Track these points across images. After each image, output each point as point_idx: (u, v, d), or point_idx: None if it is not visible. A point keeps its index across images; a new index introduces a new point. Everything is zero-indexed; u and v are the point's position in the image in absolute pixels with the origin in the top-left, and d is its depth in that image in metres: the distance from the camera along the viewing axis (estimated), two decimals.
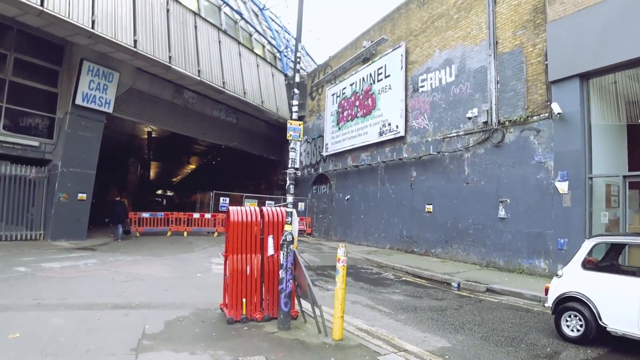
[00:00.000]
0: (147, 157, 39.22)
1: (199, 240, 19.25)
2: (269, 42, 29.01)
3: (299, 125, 6.43)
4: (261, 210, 6.58)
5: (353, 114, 21.25)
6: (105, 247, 15.66)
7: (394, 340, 5.99)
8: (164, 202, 46.22)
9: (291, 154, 6.35)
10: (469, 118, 14.26)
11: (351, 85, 21.72)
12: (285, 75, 27.87)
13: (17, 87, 15.01)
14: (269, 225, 6.51)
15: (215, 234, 21.97)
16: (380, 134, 18.84)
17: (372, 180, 19.61)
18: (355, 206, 20.73)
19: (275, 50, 29.47)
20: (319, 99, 25.35)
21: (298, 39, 6.77)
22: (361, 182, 20.48)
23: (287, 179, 6.40)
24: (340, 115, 22.43)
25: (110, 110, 16.85)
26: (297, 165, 6.48)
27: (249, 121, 25.95)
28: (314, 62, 39.45)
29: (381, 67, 19.24)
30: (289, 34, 38.14)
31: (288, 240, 6.03)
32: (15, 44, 14.89)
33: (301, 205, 24.78)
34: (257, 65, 24.54)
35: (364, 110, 20.27)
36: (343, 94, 22.41)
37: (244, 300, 6.31)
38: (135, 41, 15.49)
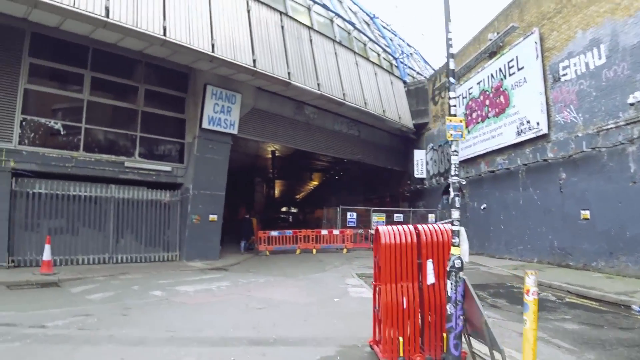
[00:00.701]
0: (271, 176, 40.26)
1: (328, 258, 18.57)
2: (384, 50, 27.99)
3: (461, 122, 5.13)
4: (416, 229, 5.36)
5: (483, 114, 19.22)
6: (236, 266, 15.65)
7: None
8: (290, 218, 47.10)
9: (453, 159, 5.03)
10: (631, 104, 11.73)
11: (478, 84, 19.70)
12: (404, 82, 26.57)
13: (148, 117, 15.74)
14: (427, 247, 5.26)
15: (345, 250, 21.23)
16: (518, 133, 16.61)
17: (511, 186, 17.34)
18: (493, 215, 18.53)
19: (391, 58, 28.36)
20: (443, 103, 23.45)
21: (447, 17, 5.48)
22: (498, 189, 18.26)
23: (451, 189, 5.05)
24: (469, 117, 20.44)
25: (235, 132, 16.98)
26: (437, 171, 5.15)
27: (370, 133, 24.97)
28: (431, 67, 37.54)
29: (512, 60, 17.06)
30: (403, 40, 36.87)
31: (457, 266, 4.70)
32: (144, 76, 15.68)
33: (431, 217, 23.05)
34: (375, 74, 23.56)
35: (496, 110, 18.15)
36: (470, 94, 20.46)
37: (400, 338, 5.11)
38: (254, 60, 15.41)
